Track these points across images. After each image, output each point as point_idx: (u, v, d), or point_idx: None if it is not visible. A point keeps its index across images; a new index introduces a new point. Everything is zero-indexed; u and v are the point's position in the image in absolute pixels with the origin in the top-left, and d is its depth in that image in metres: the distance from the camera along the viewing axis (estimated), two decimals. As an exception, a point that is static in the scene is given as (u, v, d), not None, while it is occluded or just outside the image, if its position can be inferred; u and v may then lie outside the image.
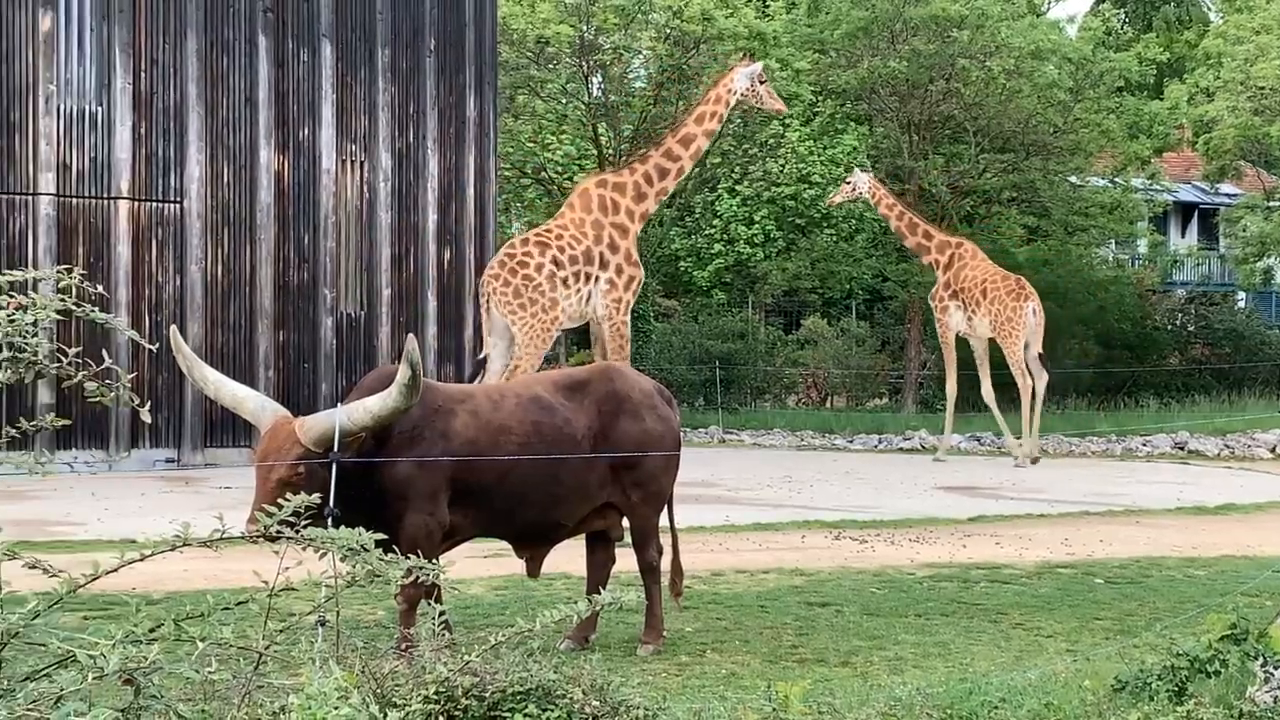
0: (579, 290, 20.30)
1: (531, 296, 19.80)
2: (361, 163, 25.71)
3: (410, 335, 9.21)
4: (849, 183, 27.56)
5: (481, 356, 20.74)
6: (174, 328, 9.70)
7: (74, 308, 4.59)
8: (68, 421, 5.54)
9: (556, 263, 20.03)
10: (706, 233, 38.54)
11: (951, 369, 27.64)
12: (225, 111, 24.45)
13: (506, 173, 34.69)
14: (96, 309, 4.70)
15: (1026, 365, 26.82)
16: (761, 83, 21.56)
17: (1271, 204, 39.25)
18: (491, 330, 20.44)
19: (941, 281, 27.16)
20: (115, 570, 4.35)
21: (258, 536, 4.75)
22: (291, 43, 25.01)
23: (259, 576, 4.80)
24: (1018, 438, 26.95)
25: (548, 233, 20.56)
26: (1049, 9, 55.30)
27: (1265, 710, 6.94)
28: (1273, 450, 29.30)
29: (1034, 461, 26.02)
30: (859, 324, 41.95)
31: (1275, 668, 7.31)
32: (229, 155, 24.49)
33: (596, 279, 20.39)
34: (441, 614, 6.25)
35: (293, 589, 4.83)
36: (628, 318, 20.96)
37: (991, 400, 27.48)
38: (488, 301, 20.14)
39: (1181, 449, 29.99)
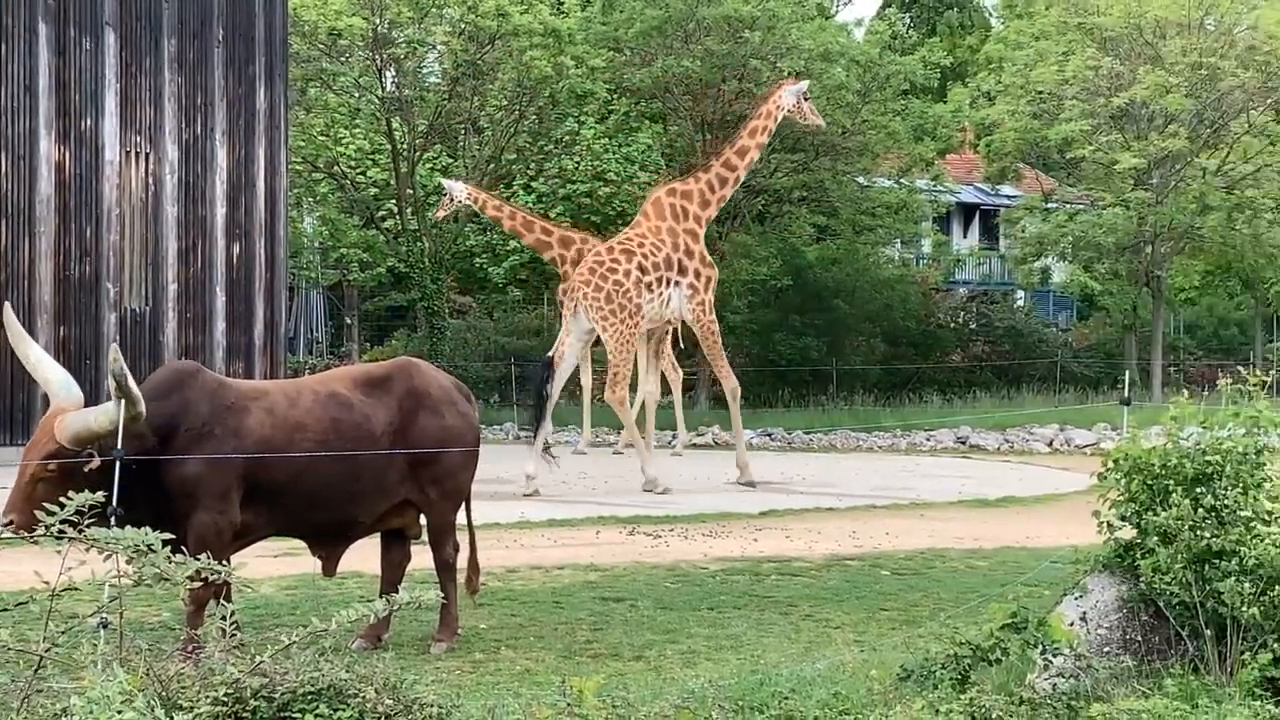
0: (660, 294, 21.25)
1: (621, 303, 20.69)
2: (147, 154, 25.14)
3: (114, 344, 9.12)
4: (446, 194, 27.52)
5: (549, 356, 21.31)
6: (8, 304, 9.62)
7: None
8: None
9: (642, 269, 20.97)
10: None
11: (588, 365, 28.68)
12: (3, 100, 23.70)
13: (298, 167, 34.17)
14: None
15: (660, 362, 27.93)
16: (805, 99, 22.48)
17: (1049, 205, 40.33)
18: (570, 331, 21.18)
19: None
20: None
21: (32, 536, 4.60)
22: (73, 30, 24.33)
23: (40, 577, 4.66)
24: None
25: (629, 240, 21.42)
26: (838, 12, 56.25)
27: (1044, 696, 7.14)
28: (1050, 444, 30.14)
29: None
30: (653, 321, 42.18)
31: (1054, 655, 7.52)
32: (6, 145, 23.73)
33: (676, 284, 21.33)
34: (230, 614, 6.14)
35: (75, 590, 4.69)
36: (714, 316, 21.97)
37: (590, 393, 28.96)
38: (575, 306, 20.89)
39: (963, 444, 30.72)
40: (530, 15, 33.30)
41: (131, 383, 8.41)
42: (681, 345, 27.70)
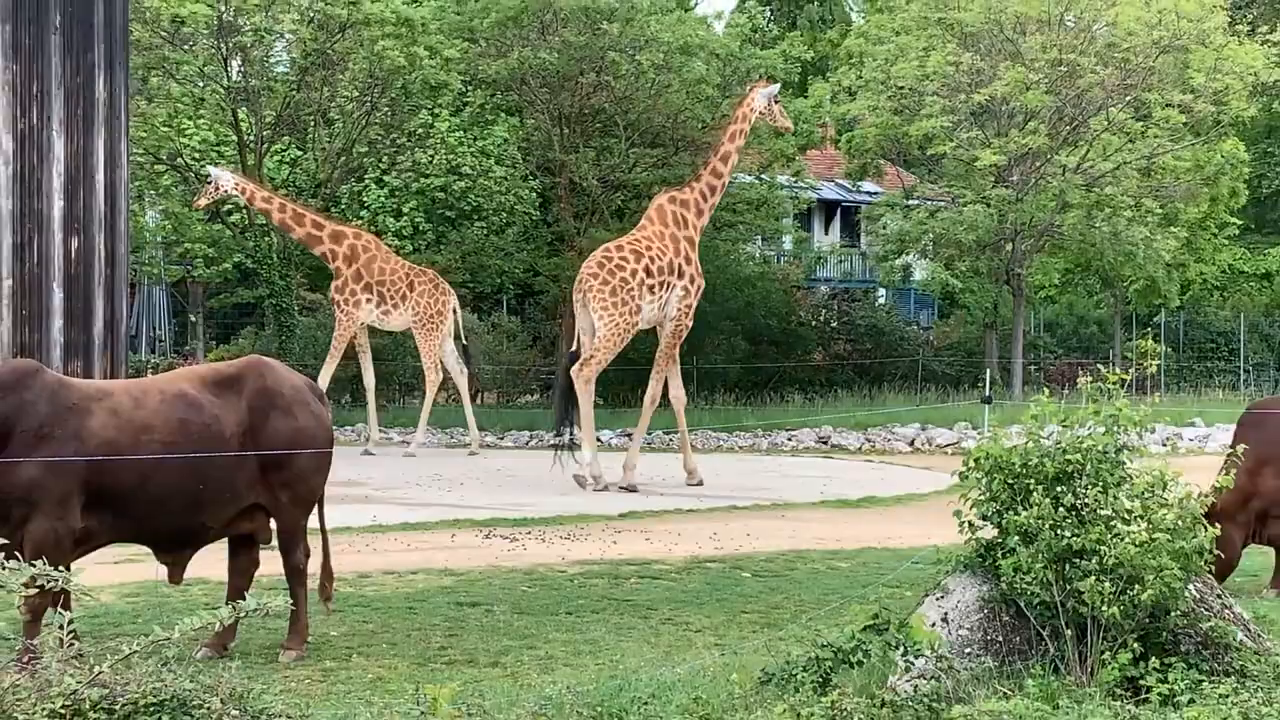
0: (660, 297, 22.31)
1: (624, 298, 21.66)
2: (-20, 145, 24.58)
3: None
4: (210, 183, 26.99)
5: (573, 350, 22.23)
6: None
7: None
8: None
9: (648, 271, 22.00)
10: (353, 223, 38.16)
11: (369, 363, 28.66)
12: None
13: (140, 158, 33.58)
14: None
15: (443, 360, 28.11)
16: (775, 103, 23.88)
17: (910, 202, 40.74)
18: (584, 328, 22.10)
19: (350, 274, 27.32)
20: None
21: None
22: (-100, 14, 23.73)
23: None
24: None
25: (637, 242, 22.40)
26: (697, 4, 56.46)
27: (906, 699, 7.23)
28: (911, 443, 30.55)
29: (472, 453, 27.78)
30: (510, 319, 42.05)
31: (915, 657, 7.62)
32: None
33: (672, 287, 22.43)
34: (68, 623, 6.03)
35: (-98, 601, 4.58)
36: (691, 321, 23.34)
37: (373, 392, 29.06)
38: (583, 298, 21.73)
39: (825, 443, 31.03)
40: (382, 4, 33.01)
41: None
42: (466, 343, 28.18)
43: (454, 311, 28.15)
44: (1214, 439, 28.45)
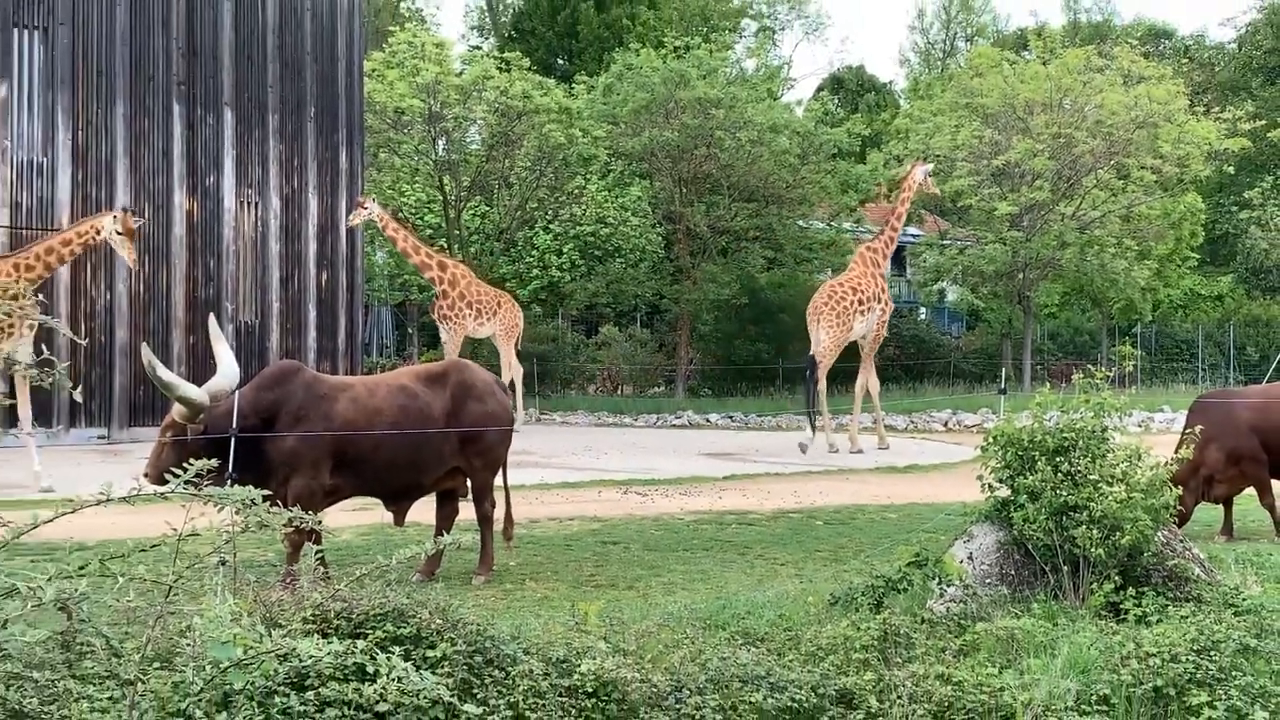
0: (866, 317, 23.08)
1: (844, 320, 22.57)
2: (256, 204, 25.11)
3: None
4: (364, 206, 25.18)
5: (811, 355, 22.62)
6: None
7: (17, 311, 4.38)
8: (14, 402, 5.28)
9: (860, 299, 22.90)
10: (526, 260, 38.37)
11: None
12: (146, 163, 23.69)
13: (371, 213, 34.02)
14: (39, 313, 4.48)
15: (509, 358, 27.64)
16: (930, 177, 24.89)
17: (944, 242, 40.27)
18: (819, 340, 22.63)
19: (456, 293, 26.28)
20: (52, 520, 4.15)
21: (161, 493, 4.55)
22: (199, 109, 24.33)
23: (170, 526, 4.63)
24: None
25: (852, 279, 23.29)
26: (783, 94, 56.12)
27: (940, 617, 7.14)
28: (945, 425, 30.13)
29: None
30: (642, 330, 42.13)
31: (947, 586, 7.52)
32: (149, 196, 23.72)
33: (873, 309, 23.20)
34: (319, 553, 6.14)
35: (198, 535, 4.66)
36: (886, 331, 24.18)
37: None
38: (819, 319, 22.50)
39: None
40: (548, 97, 33.22)
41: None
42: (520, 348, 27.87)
43: (520, 324, 27.93)
44: (1178, 422, 27.70)
